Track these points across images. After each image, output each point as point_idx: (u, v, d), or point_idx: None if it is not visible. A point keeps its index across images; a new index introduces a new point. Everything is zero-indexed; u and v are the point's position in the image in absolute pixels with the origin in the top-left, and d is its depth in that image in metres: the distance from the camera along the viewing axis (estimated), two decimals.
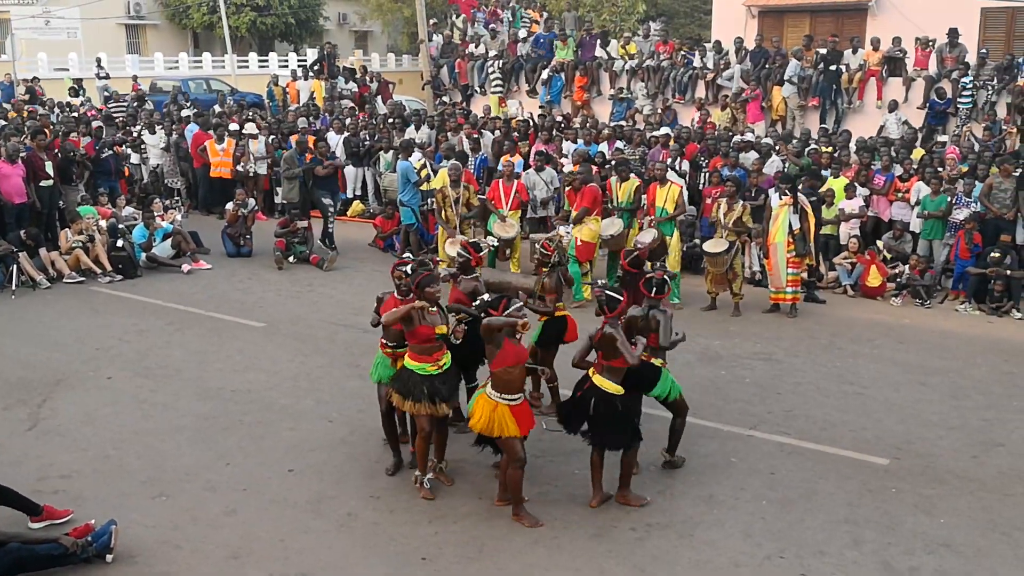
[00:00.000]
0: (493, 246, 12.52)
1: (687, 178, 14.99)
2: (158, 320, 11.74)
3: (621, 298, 7.12)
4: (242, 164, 17.32)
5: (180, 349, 10.66)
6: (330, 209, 15.28)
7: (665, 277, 7.68)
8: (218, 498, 7.23)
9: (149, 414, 8.82)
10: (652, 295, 7.50)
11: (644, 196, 13.10)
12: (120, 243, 13.91)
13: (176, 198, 18.13)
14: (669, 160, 14.87)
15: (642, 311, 7.46)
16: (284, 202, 16.23)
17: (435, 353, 7.07)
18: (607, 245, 12.72)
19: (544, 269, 8.84)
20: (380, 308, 7.64)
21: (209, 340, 10.98)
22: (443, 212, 13.24)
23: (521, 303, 6.97)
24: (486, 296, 7.22)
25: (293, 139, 17.81)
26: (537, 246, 9.27)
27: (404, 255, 10.49)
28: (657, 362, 7.45)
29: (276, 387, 9.47)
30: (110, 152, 16.40)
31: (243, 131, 17.80)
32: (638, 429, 7.13)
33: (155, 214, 14.86)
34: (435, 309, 7.08)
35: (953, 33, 18.09)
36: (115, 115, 20.41)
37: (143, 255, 14.15)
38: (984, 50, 18.27)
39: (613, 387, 6.87)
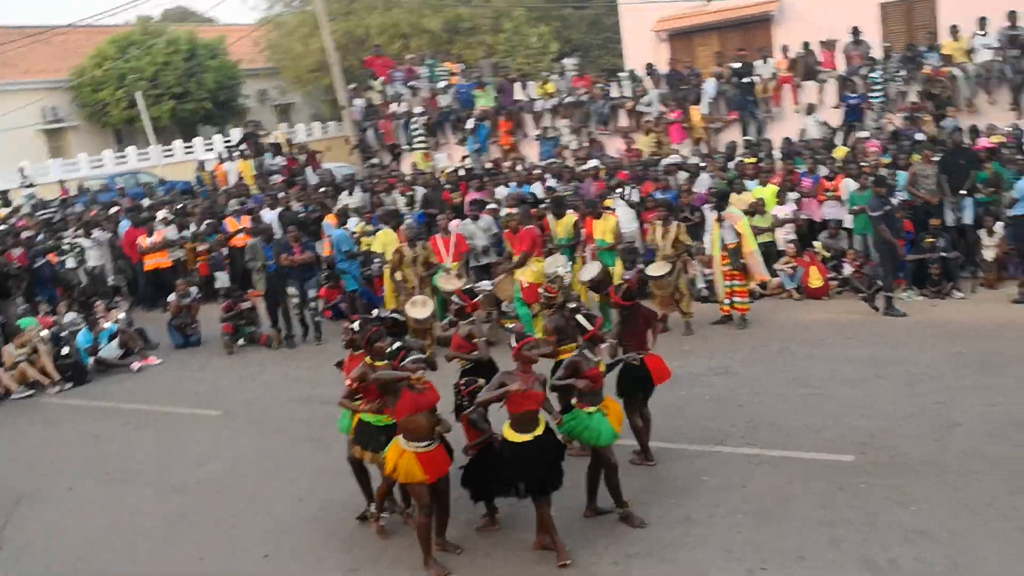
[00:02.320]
0: (489, 288, 12.59)
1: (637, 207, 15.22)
2: (114, 422, 11.55)
3: (596, 320, 7.33)
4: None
5: (139, 449, 10.48)
6: (294, 300, 14.01)
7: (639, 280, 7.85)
8: None
9: (116, 519, 8.65)
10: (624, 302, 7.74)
11: (582, 229, 13.27)
12: (65, 350, 13.67)
13: (117, 297, 17.91)
14: (620, 190, 15.07)
15: (576, 354, 7.43)
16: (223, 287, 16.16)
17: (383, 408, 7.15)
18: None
19: (549, 311, 8.95)
20: (344, 369, 7.75)
21: (168, 435, 10.82)
22: (401, 272, 13.14)
23: (418, 355, 6.90)
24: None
25: (227, 222, 17.82)
26: (541, 290, 9.46)
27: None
28: (591, 409, 7.27)
29: (241, 473, 9.36)
30: (44, 260, 16.20)
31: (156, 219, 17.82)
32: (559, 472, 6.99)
33: (98, 316, 14.67)
34: (383, 363, 7.16)
35: (856, 31, 18.67)
36: (51, 221, 20.21)
37: (91, 359, 13.94)
38: (887, 43, 18.86)
39: (522, 437, 6.79)
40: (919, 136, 15.78)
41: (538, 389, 6.80)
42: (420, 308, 11.96)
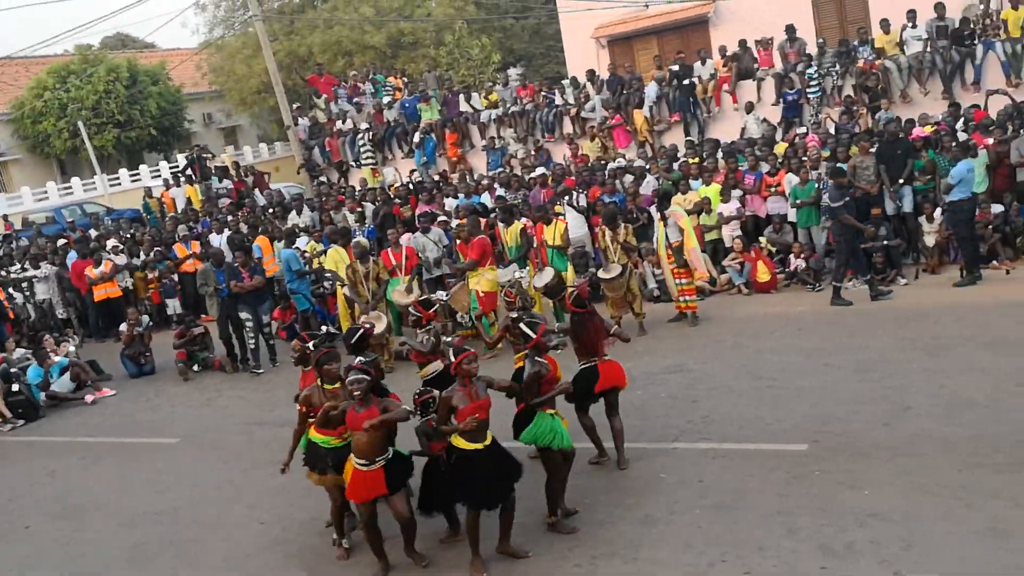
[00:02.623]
0: (443, 301, 12.63)
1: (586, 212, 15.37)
2: (69, 457, 11.38)
3: (539, 327, 7.39)
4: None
5: (97, 482, 10.35)
6: (248, 325, 13.61)
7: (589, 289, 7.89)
8: None
9: (77, 555, 8.54)
10: (576, 308, 7.88)
11: (532, 236, 13.38)
12: (15, 387, 13.45)
13: (68, 330, 17.67)
14: (567, 197, 15.22)
15: (532, 365, 7.43)
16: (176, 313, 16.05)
17: (339, 427, 7.12)
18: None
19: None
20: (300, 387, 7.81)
21: (125, 466, 10.69)
22: (356, 288, 13.17)
23: (359, 374, 6.80)
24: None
25: (176, 248, 17.69)
26: (501, 296, 9.49)
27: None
28: (551, 411, 7.35)
29: (201, 500, 9.28)
30: None
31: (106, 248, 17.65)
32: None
33: (48, 350, 14.47)
34: (335, 386, 7.20)
35: (790, 29, 19.01)
36: None
37: (42, 395, 13.72)
38: (821, 39, 19.25)
39: (471, 445, 6.79)
40: (856, 129, 16.12)
41: (482, 396, 6.81)
42: (375, 324, 12.00)
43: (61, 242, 19.52)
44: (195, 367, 14.27)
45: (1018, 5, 17.02)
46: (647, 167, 16.18)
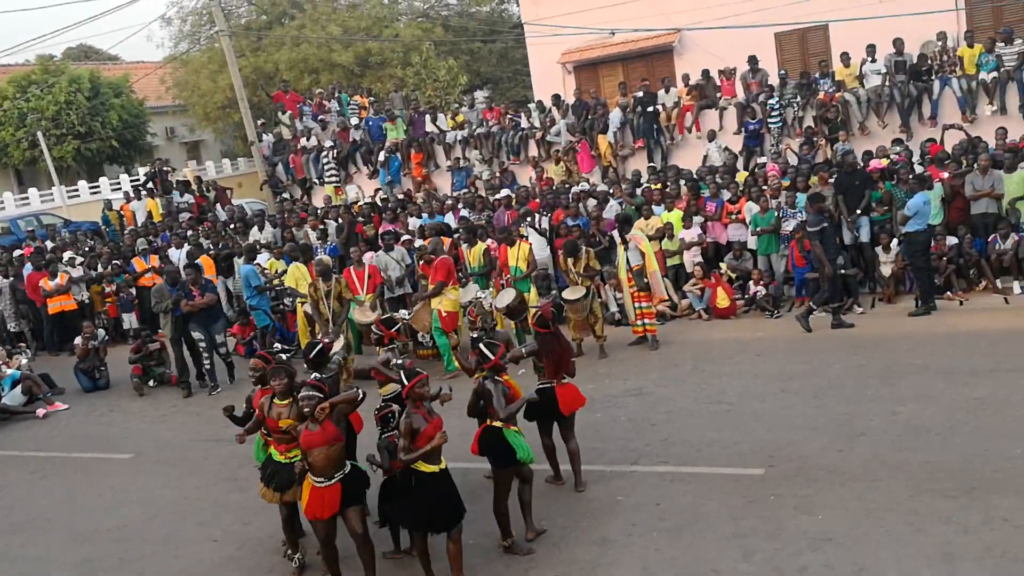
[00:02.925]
0: (406, 319, 12.59)
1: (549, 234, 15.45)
2: (18, 472, 11.17)
3: (498, 349, 7.41)
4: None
5: (46, 497, 10.17)
6: (201, 344, 13.38)
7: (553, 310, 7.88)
8: None
9: (24, 571, 8.38)
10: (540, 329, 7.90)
11: (496, 257, 13.42)
12: None
13: (21, 344, 17.37)
14: (528, 219, 15.28)
15: (477, 384, 7.51)
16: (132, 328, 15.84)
17: (282, 444, 7.22)
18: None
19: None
20: (253, 403, 7.79)
21: (76, 482, 10.52)
22: (317, 307, 13.07)
23: (312, 391, 6.81)
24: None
25: (135, 262, 17.49)
26: (464, 317, 9.48)
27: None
28: (514, 428, 7.39)
29: (153, 517, 9.15)
30: None
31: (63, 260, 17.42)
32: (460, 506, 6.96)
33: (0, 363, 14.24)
34: (286, 402, 7.20)
35: (753, 60, 19.29)
36: None
37: None
38: (783, 71, 19.54)
39: (430, 467, 6.77)
40: (816, 159, 16.38)
41: (435, 416, 6.81)
42: (366, 314, 12.03)
43: (17, 253, 19.22)
44: (151, 382, 14.08)
45: (973, 43, 17.44)
46: (610, 192, 16.31)
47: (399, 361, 8.04)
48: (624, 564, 7.04)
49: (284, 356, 8.98)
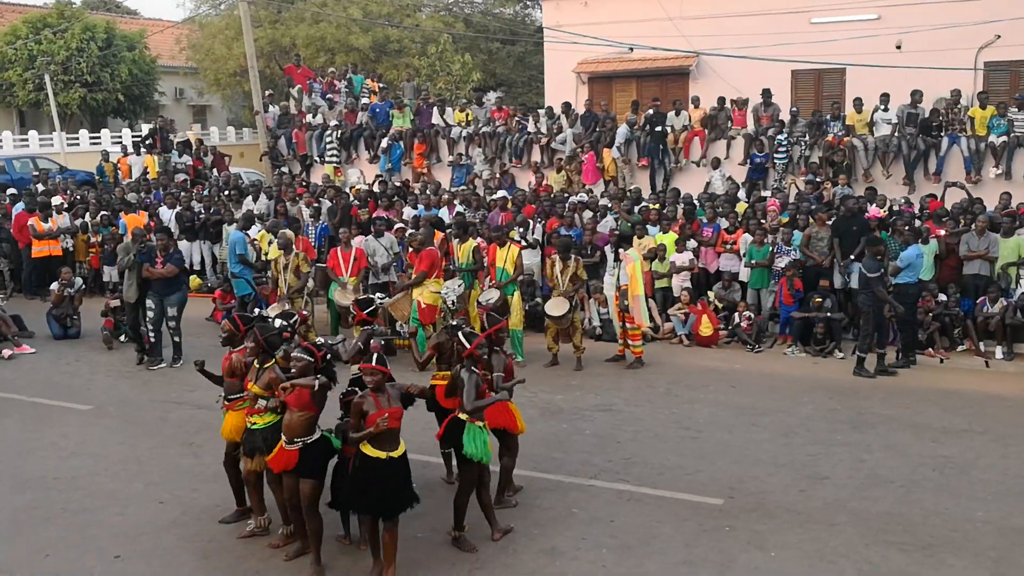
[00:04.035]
0: (382, 302, 12.49)
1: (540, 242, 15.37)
2: None
3: (475, 338, 7.33)
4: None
5: None
6: (149, 313, 12.61)
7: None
8: None
9: None
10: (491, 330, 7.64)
11: (484, 256, 13.32)
12: None
13: None
14: (520, 228, 15.20)
15: (454, 370, 7.45)
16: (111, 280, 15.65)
17: (248, 408, 7.26)
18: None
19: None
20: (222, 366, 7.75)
21: (30, 427, 10.36)
22: (277, 280, 13.13)
23: (301, 353, 6.88)
24: None
25: (124, 216, 17.33)
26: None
27: None
28: (480, 424, 7.26)
29: (103, 472, 9.01)
30: None
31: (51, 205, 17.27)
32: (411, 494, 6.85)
33: None
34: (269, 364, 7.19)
35: (767, 93, 19.25)
36: None
37: None
38: (795, 108, 19.51)
39: (376, 452, 6.65)
40: (815, 200, 16.34)
41: (395, 404, 6.69)
42: (348, 296, 12.07)
43: (10, 191, 19.02)
44: (121, 338, 13.90)
45: (986, 105, 17.43)
46: (608, 206, 16.22)
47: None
48: None
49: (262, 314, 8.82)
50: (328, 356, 7.03)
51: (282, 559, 7.14)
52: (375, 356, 6.73)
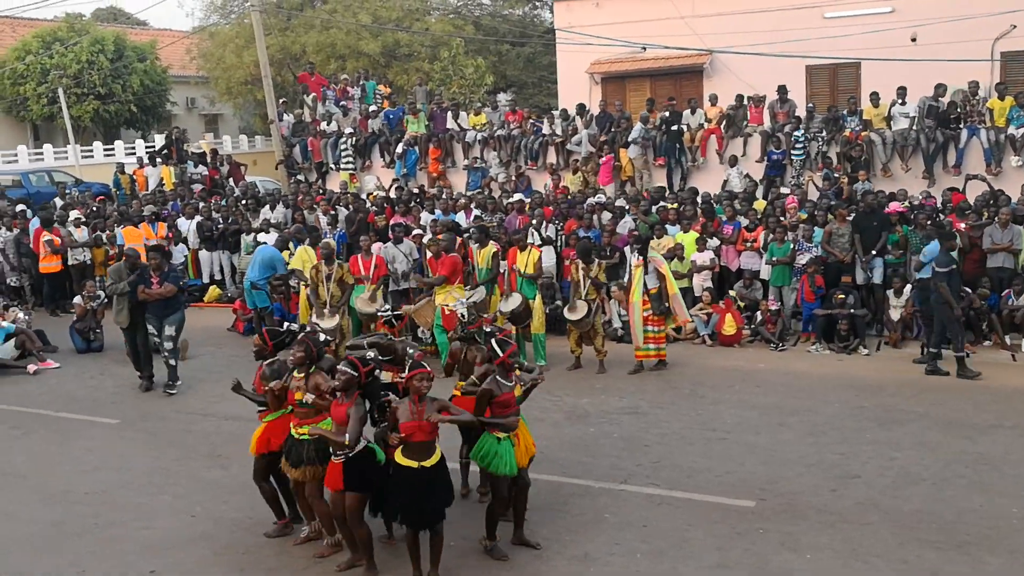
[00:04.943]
0: (409, 313, 12.60)
1: (558, 244, 15.32)
2: (1, 425, 11.05)
3: (509, 346, 7.24)
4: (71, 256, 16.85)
5: (24, 454, 10.05)
6: (154, 339, 12.02)
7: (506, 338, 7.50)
8: None
9: None
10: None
11: (504, 261, 13.29)
12: None
13: (16, 300, 17.24)
14: (533, 223, 15.19)
15: (489, 381, 7.30)
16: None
17: (295, 418, 7.23)
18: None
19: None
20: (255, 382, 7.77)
21: (56, 442, 10.39)
22: (317, 289, 13.01)
23: (346, 368, 6.79)
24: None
25: (143, 227, 17.39)
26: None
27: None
28: (502, 435, 7.13)
29: (131, 485, 9.01)
30: None
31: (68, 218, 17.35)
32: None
33: None
34: (302, 375, 7.17)
35: (782, 90, 19.16)
36: None
37: None
38: (811, 104, 19.41)
39: (407, 462, 6.64)
40: (835, 196, 16.25)
41: (433, 416, 6.63)
42: (324, 323, 11.94)
43: (19, 207, 19.09)
44: None
45: (1004, 96, 17.30)
46: (626, 207, 16.17)
47: (412, 351, 7.90)
48: None
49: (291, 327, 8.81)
50: (374, 371, 7.00)
51: (334, 570, 7.10)
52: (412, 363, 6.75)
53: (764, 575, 6.95)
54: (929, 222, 13.63)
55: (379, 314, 12.33)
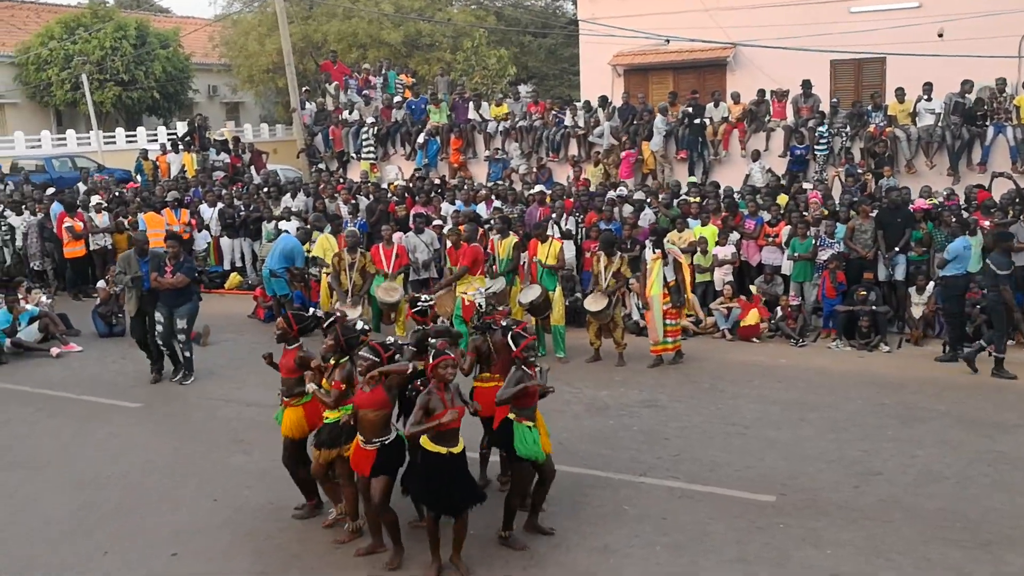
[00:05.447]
0: (429, 302, 12.49)
1: (578, 236, 15.30)
2: (24, 408, 11.15)
3: (524, 339, 7.23)
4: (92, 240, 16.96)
5: (49, 437, 10.13)
6: (158, 326, 11.68)
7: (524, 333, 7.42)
8: None
9: (17, 509, 8.32)
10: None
11: (524, 253, 13.29)
12: None
13: (39, 283, 17.38)
14: (553, 216, 15.19)
15: (515, 370, 7.28)
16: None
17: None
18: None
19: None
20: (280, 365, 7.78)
21: (81, 425, 10.47)
22: (339, 276, 13.09)
23: (369, 354, 6.85)
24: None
25: (166, 212, 17.48)
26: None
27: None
28: (529, 424, 7.16)
29: (154, 470, 9.08)
30: None
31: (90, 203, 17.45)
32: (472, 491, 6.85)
33: (20, 297, 14.23)
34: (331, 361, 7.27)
35: (806, 84, 19.06)
36: None
37: (7, 340, 13.46)
38: (835, 99, 19.31)
39: (435, 447, 6.66)
40: (858, 192, 16.17)
41: (457, 403, 6.69)
42: (348, 312, 11.92)
43: (49, 191, 19.24)
44: None
45: None
46: (647, 200, 16.13)
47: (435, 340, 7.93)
48: (623, 574, 6.89)
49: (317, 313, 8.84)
50: (396, 356, 7.02)
51: (353, 555, 7.15)
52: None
53: (785, 570, 6.93)
54: (954, 220, 13.53)
55: (420, 304, 12.25)
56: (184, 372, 11.92)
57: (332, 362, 7.28)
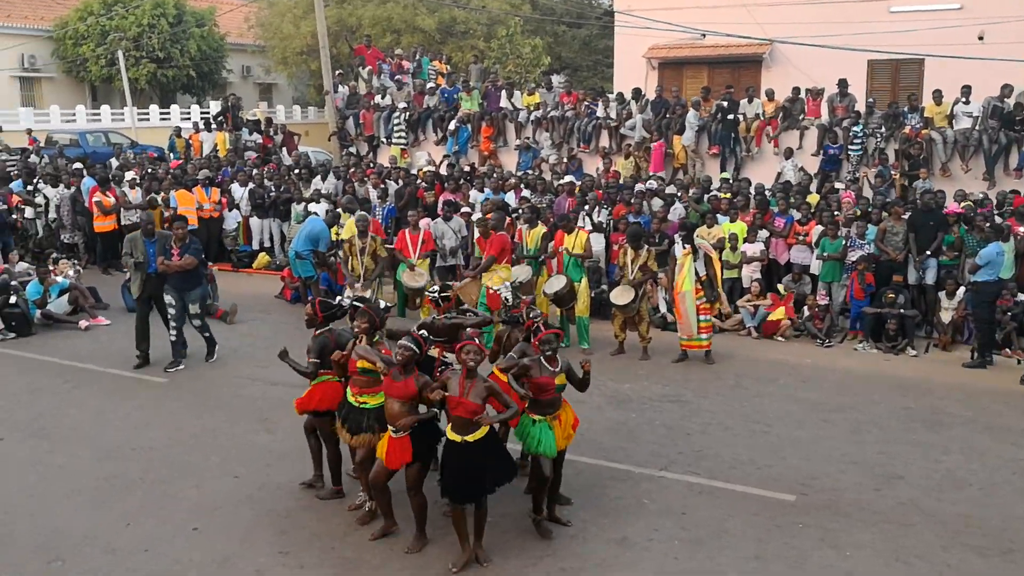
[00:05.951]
0: (455, 290, 12.58)
1: (606, 228, 15.26)
2: (54, 379, 11.30)
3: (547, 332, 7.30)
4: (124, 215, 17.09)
5: (77, 408, 10.26)
6: (170, 310, 11.59)
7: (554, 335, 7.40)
8: (118, 561, 6.93)
9: (44, 476, 8.44)
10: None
11: (551, 243, 13.27)
12: (13, 299, 13.38)
13: (71, 254, 17.57)
14: (587, 208, 15.15)
15: (532, 358, 7.32)
16: None
17: (355, 387, 7.32)
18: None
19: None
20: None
21: (108, 398, 10.61)
22: (349, 261, 13.23)
23: (408, 343, 6.84)
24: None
25: (197, 191, 17.61)
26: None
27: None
28: (539, 417, 7.19)
29: (178, 444, 9.18)
30: (2, 206, 15.89)
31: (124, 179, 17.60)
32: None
33: (50, 269, 14.39)
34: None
35: (843, 83, 18.87)
36: (8, 169, 19.87)
37: (37, 312, 13.64)
38: (871, 99, 19.09)
39: (454, 436, 6.70)
40: (892, 194, 16.01)
41: (474, 399, 6.63)
42: (416, 278, 12.10)
43: (76, 166, 19.41)
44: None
45: None
46: (677, 194, 16.05)
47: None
48: (640, 568, 6.90)
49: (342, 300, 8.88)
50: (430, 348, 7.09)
51: (367, 539, 7.20)
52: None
53: (802, 570, 6.91)
54: (988, 224, 13.37)
55: (427, 293, 12.33)
56: (207, 352, 12.03)
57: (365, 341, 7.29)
